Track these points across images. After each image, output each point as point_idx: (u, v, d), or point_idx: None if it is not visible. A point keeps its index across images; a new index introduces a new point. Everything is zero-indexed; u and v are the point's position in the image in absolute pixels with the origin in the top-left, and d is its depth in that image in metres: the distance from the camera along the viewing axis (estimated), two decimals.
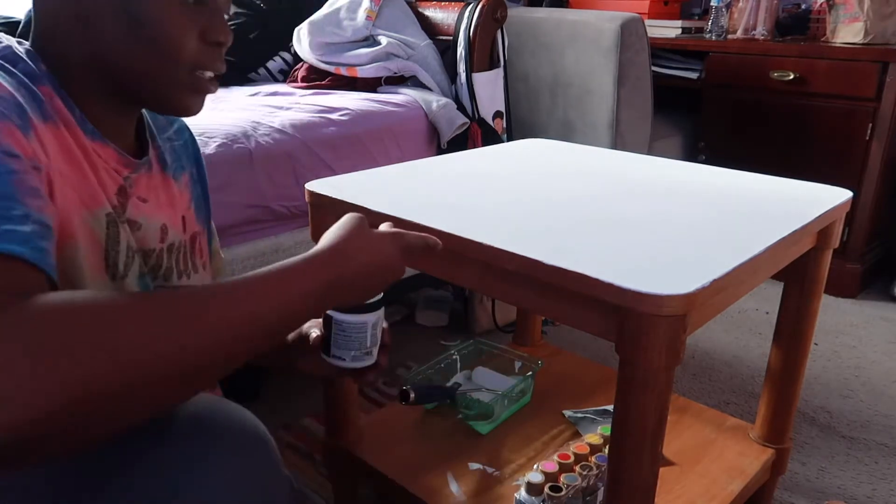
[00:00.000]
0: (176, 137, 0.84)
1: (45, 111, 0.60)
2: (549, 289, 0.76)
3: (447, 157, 1.28)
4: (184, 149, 0.85)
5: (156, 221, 0.75)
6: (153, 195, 0.75)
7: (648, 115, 2.11)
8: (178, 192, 0.81)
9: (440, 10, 1.93)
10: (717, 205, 0.98)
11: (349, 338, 0.78)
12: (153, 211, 0.74)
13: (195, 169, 0.87)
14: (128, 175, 0.71)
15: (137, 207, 0.72)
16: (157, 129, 0.81)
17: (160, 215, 0.76)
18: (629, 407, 0.73)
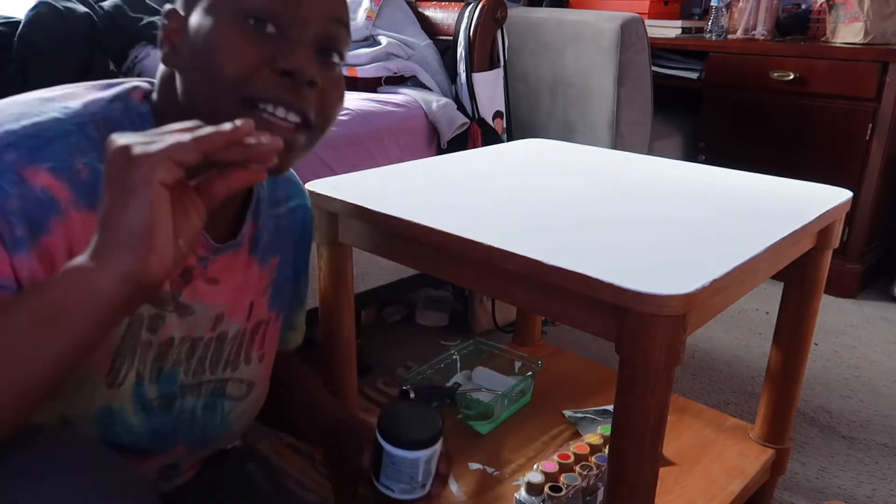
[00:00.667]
0: (286, 215, 0.80)
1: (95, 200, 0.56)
2: (549, 289, 0.76)
3: (447, 157, 1.28)
4: (289, 229, 0.81)
5: (213, 308, 0.70)
6: (227, 276, 0.71)
7: (648, 115, 2.11)
8: (258, 276, 0.76)
9: (440, 10, 1.93)
10: (717, 205, 0.98)
11: (400, 471, 0.72)
12: (217, 295, 0.70)
13: (294, 253, 0.83)
14: (204, 255, 0.67)
15: (198, 291, 0.68)
16: (269, 204, 0.76)
17: (222, 301, 0.71)
18: (629, 407, 0.73)
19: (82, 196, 0.56)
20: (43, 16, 1.52)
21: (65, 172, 0.55)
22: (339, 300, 1.07)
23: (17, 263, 0.52)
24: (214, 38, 0.59)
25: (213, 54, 0.59)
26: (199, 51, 0.60)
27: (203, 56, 0.59)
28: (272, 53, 0.60)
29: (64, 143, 0.56)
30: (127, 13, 1.67)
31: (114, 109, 0.61)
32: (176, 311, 0.67)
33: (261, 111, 0.60)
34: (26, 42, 1.49)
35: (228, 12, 0.60)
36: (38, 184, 0.54)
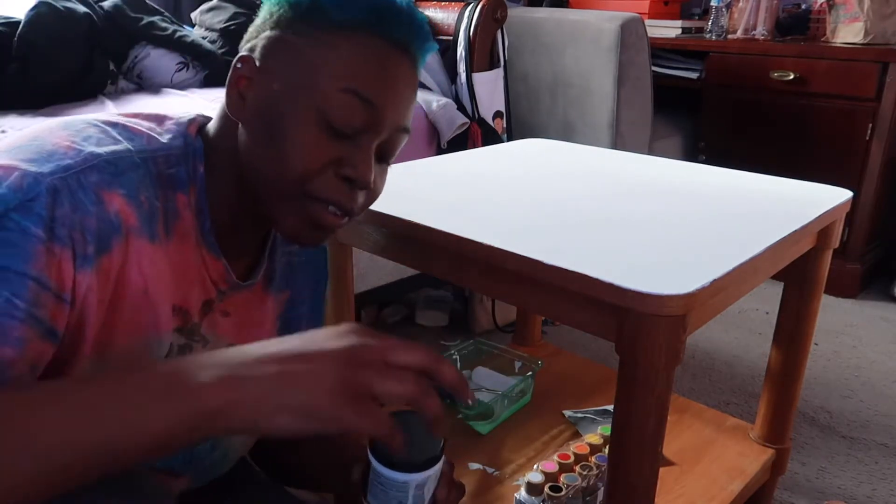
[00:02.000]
0: (300, 253, 0.81)
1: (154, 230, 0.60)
2: (549, 289, 0.76)
3: (447, 157, 1.28)
4: (302, 267, 0.81)
5: (223, 340, 0.71)
6: (240, 311, 0.72)
7: (648, 115, 2.11)
8: (271, 309, 0.77)
9: (440, 10, 1.93)
10: (717, 205, 0.98)
11: (386, 493, 0.63)
12: (227, 328, 0.71)
13: (309, 290, 0.83)
14: (224, 290, 0.69)
15: (214, 323, 0.70)
16: (283, 242, 0.78)
17: (232, 333, 0.72)
18: (629, 407, 0.73)
19: (144, 225, 0.59)
20: (43, 16, 1.52)
21: (133, 201, 0.58)
22: (339, 300, 1.07)
23: (78, 279, 0.54)
24: (292, 130, 0.61)
25: (288, 144, 0.61)
26: (272, 129, 0.61)
27: (276, 138, 0.61)
28: (340, 156, 0.62)
29: (135, 175, 0.59)
30: (127, 13, 1.67)
31: (175, 147, 0.64)
32: (201, 343, 0.69)
33: (317, 206, 0.63)
34: (26, 42, 1.49)
35: (310, 102, 0.60)
36: (112, 207, 0.56)
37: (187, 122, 0.66)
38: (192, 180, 0.64)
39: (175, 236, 0.63)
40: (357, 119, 0.61)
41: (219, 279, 0.68)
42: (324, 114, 0.60)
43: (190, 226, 0.64)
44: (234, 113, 0.63)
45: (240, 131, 0.64)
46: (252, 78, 0.63)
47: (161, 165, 0.62)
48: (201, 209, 0.64)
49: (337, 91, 0.60)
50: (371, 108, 0.62)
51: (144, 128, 0.63)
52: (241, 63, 0.63)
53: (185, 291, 0.65)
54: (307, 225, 0.64)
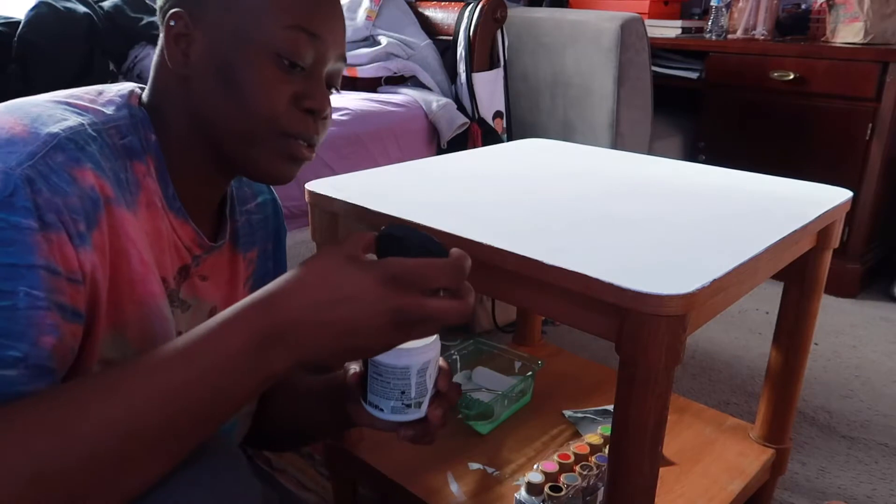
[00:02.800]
0: (256, 211, 0.82)
1: (128, 199, 0.61)
2: (549, 289, 0.76)
3: (447, 157, 1.28)
4: (262, 223, 0.83)
5: (207, 303, 0.73)
6: (216, 273, 0.74)
7: (648, 115, 2.11)
8: (242, 269, 0.79)
9: (440, 10, 1.93)
10: (717, 205, 0.98)
11: (387, 384, 0.63)
12: (209, 291, 0.73)
13: (272, 245, 0.84)
14: (199, 255, 0.70)
15: (193, 287, 0.71)
16: (238, 201, 0.80)
17: (215, 295, 0.74)
18: (629, 407, 0.73)
19: (118, 195, 0.59)
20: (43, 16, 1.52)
21: (102, 172, 0.58)
22: None
23: (81, 258, 0.54)
24: (249, 75, 0.62)
25: (247, 90, 0.62)
26: (228, 80, 0.62)
27: (234, 88, 0.62)
28: (299, 92, 0.65)
29: (95, 147, 0.59)
30: (127, 13, 1.67)
31: (121, 117, 0.64)
32: (180, 308, 0.70)
33: (289, 141, 0.66)
34: (26, 42, 1.49)
35: (261, 46, 0.62)
36: (87, 182, 0.56)
37: (128, 94, 0.66)
38: (147, 149, 0.64)
39: (141, 206, 0.63)
40: (307, 52, 0.64)
41: (191, 244, 0.69)
42: (276, 53, 0.62)
43: (154, 194, 0.64)
44: (181, 70, 0.64)
45: (191, 90, 0.64)
46: (190, 34, 0.63)
47: (114, 137, 0.62)
48: (163, 175, 0.65)
49: (284, 29, 0.62)
50: (318, 40, 0.64)
51: (87, 101, 0.63)
52: (174, 21, 0.63)
53: (161, 260, 0.66)
54: (285, 161, 0.67)
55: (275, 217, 0.86)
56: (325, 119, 0.69)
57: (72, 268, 0.53)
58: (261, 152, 0.65)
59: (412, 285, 0.52)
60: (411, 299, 0.52)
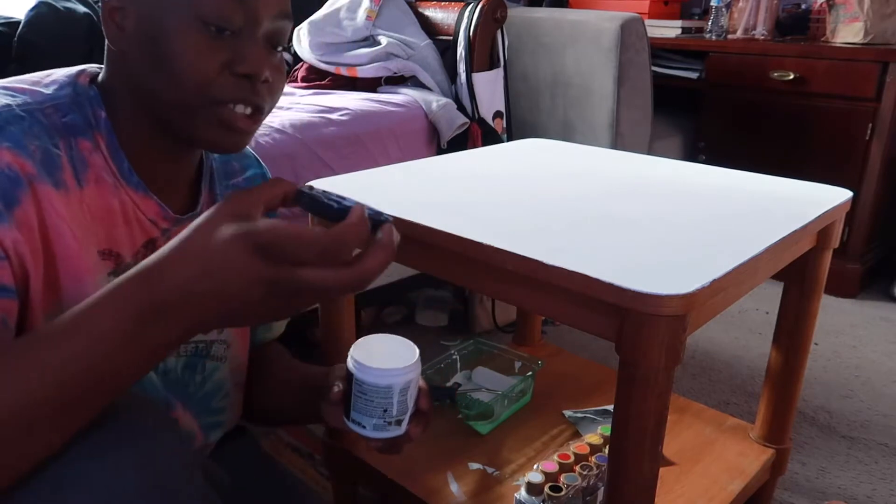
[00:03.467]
0: (244, 184, 0.82)
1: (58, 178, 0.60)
2: (549, 289, 0.76)
3: (447, 157, 1.28)
4: None
5: None
6: None
7: (648, 115, 2.11)
8: None
9: (440, 10, 1.93)
10: (717, 205, 0.98)
11: (370, 402, 0.65)
12: None
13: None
14: (166, 227, 0.70)
15: None
16: (224, 175, 0.79)
17: None
18: (629, 407, 0.73)
19: (42, 173, 0.59)
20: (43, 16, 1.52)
21: (22, 151, 0.58)
22: (339, 300, 1.07)
23: (1, 234, 0.55)
24: (175, 44, 0.61)
25: (175, 60, 0.62)
26: (157, 50, 0.62)
27: (163, 58, 0.62)
28: (230, 57, 0.63)
29: (18, 127, 0.59)
30: None
31: (63, 95, 0.64)
32: None
33: (225, 109, 0.64)
34: (26, 42, 1.50)
35: (184, 13, 0.61)
36: (2, 161, 0.56)
37: (76, 73, 0.67)
38: (94, 126, 0.64)
39: (89, 183, 0.63)
40: (233, 14, 0.62)
41: (156, 217, 0.69)
42: (200, 18, 0.61)
43: (102, 170, 0.64)
44: (117, 45, 0.64)
45: (129, 64, 0.64)
46: (123, 7, 0.63)
47: (51, 115, 0.62)
48: (114, 151, 0.65)
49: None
50: (243, 1, 0.62)
51: (27, 84, 0.64)
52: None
53: (112, 235, 0.65)
54: (224, 130, 0.66)
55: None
56: (266, 83, 0.66)
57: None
58: (198, 122, 0.65)
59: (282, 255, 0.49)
60: (281, 270, 0.49)
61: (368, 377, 0.63)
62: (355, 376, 0.64)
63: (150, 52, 0.62)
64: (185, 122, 0.65)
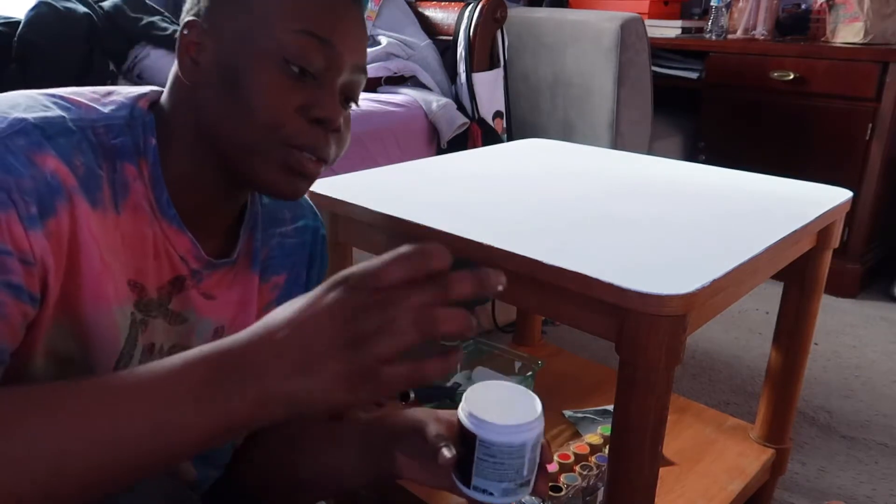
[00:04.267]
0: (293, 235, 0.78)
1: (97, 197, 0.58)
2: (549, 289, 0.76)
3: (447, 157, 1.28)
4: (298, 248, 0.79)
5: (210, 321, 0.70)
6: (224, 292, 0.71)
7: (648, 115, 2.11)
8: (261, 293, 0.75)
9: (440, 10, 1.93)
10: (717, 205, 0.98)
11: (501, 465, 0.57)
12: (214, 310, 0.70)
13: (306, 274, 0.80)
14: (197, 269, 0.67)
15: (190, 301, 0.68)
16: (271, 222, 0.76)
17: (222, 315, 0.71)
18: (629, 407, 0.73)
19: (83, 189, 0.58)
20: (43, 16, 1.52)
21: (68, 164, 0.57)
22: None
23: (31, 240, 0.53)
24: (255, 81, 0.60)
25: (252, 97, 0.60)
26: (234, 86, 0.61)
27: (239, 95, 0.61)
28: (307, 100, 0.62)
29: (68, 140, 0.58)
30: (127, 13, 1.67)
31: (119, 117, 0.62)
32: (164, 318, 0.67)
33: (293, 153, 0.63)
34: (26, 42, 1.49)
35: (268, 51, 0.60)
36: (47, 168, 0.55)
37: (137, 96, 0.65)
38: (143, 152, 0.62)
39: (126, 209, 0.61)
40: (317, 59, 0.61)
41: (187, 255, 0.66)
42: (283, 59, 0.60)
43: (143, 198, 0.62)
44: (190, 78, 0.62)
45: (199, 97, 0.63)
46: (201, 42, 0.62)
47: (102, 135, 0.60)
48: (157, 181, 0.63)
49: (292, 34, 0.60)
50: (328, 46, 0.62)
51: (86, 99, 0.62)
52: (187, 30, 0.62)
53: (141, 265, 0.63)
54: (287, 174, 0.64)
55: (313, 244, 0.82)
56: (337, 132, 0.65)
57: (22, 248, 0.53)
58: (262, 162, 0.62)
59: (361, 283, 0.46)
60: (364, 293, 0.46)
61: (499, 437, 0.56)
62: (480, 437, 0.56)
63: (226, 88, 0.61)
64: (250, 161, 0.63)
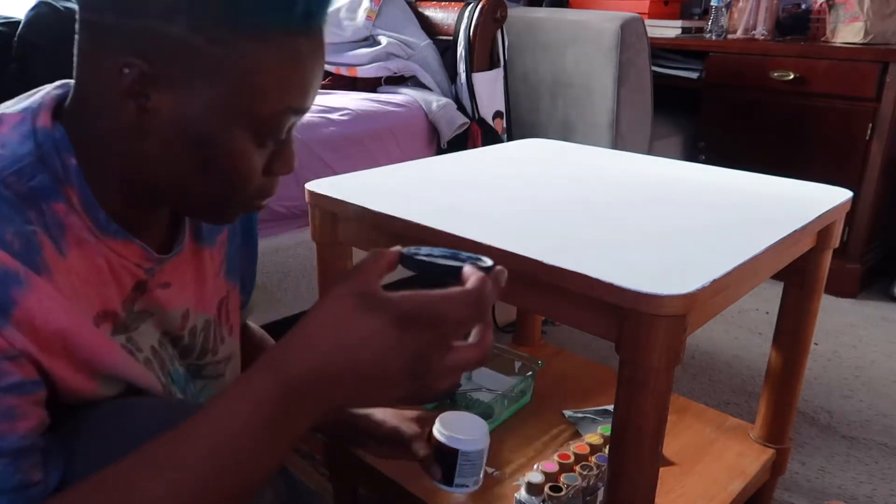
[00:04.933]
0: None
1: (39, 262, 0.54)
2: (549, 289, 0.76)
3: (447, 157, 1.28)
4: None
5: (176, 309, 0.70)
6: (178, 277, 0.70)
7: (648, 115, 2.11)
8: (210, 259, 0.75)
9: (440, 10, 1.93)
10: (717, 205, 0.98)
11: (474, 465, 0.81)
12: (174, 296, 0.70)
13: (239, 222, 0.81)
14: (150, 267, 0.66)
15: (153, 298, 0.67)
16: None
17: (183, 298, 0.71)
18: (629, 407, 0.73)
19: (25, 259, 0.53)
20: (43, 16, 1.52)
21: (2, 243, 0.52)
22: None
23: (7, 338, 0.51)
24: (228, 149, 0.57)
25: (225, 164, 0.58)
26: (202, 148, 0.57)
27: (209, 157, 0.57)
28: (271, 159, 0.62)
29: None
30: None
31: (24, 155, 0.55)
32: (141, 322, 0.67)
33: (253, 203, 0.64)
34: (26, 42, 1.49)
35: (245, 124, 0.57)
36: None
37: (32, 114, 0.57)
38: (65, 180, 0.57)
39: (70, 248, 0.57)
40: (288, 124, 0.61)
41: (140, 260, 0.64)
42: (259, 132, 0.58)
43: (81, 229, 0.58)
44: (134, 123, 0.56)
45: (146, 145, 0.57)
46: (150, 94, 0.54)
47: (14, 184, 0.54)
48: (89, 204, 0.58)
49: (276, 112, 0.57)
50: (304, 112, 0.61)
51: None
52: (127, 68, 0.53)
53: (104, 293, 0.61)
54: (236, 215, 0.66)
55: None
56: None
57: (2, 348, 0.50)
58: (217, 212, 0.64)
59: (423, 321, 0.49)
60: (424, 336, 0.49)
61: (474, 447, 0.81)
62: (462, 450, 0.80)
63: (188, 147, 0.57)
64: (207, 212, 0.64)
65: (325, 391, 0.49)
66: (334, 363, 0.48)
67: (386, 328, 0.48)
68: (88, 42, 0.57)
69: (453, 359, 0.50)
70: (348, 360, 0.48)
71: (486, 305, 0.51)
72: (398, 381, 0.49)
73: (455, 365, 0.51)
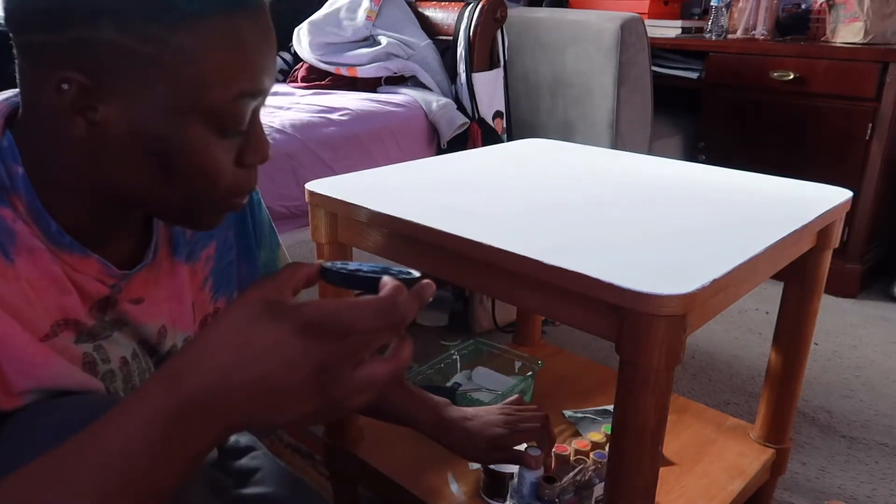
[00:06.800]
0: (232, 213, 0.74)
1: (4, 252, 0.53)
2: (549, 289, 0.76)
3: (447, 157, 1.28)
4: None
5: (149, 325, 0.68)
6: (151, 293, 0.67)
7: (648, 115, 2.11)
8: (191, 275, 0.72)
9: (440, 10, 1.93)
10: (717, 205, 0.98)
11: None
12: (147, 312, 0.67)
13: (233, 232, 0.78)
14: (115, 283, 0.63)
15: (125, 313, 0.65)
16: None
17: (157, 314, 0.68)
18: (629, 407, 0.73)
19: None
20: None
21: None
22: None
23: None
24: (190, 148, 0.55)
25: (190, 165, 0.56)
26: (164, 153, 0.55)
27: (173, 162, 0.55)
28: (240, 150, 0.59)
29: None
30: None
31: None
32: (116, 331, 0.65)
33: (235, 201, 0.61)
34: None
35: (201, 119, 0.55)
36: None
37: None
38: (10, 189, 0.55)
39: (20, 254, 0.55)
40: (249, 110, 0.57)
41: (101, 275, 0.61)
42: (216, 124, 0.55)
43: (31, 237, 0.56)
44: (85, 138, 0.54)
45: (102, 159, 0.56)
46: (97, 107, 0.53)
47: None
48: (38, 214, 0.56)
49: (228, 100, 0.55)
50: (260, 94, 0.58)
51: None
52: (66, 84, 0.51)
53: (62, 303, 0.59)
54: (218, 217, 0.63)
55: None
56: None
57: None
58: (196, 217, 0.61)
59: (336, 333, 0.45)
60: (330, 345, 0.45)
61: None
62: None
63: (148, 155, 0.55)
64: (181, 217, 0.61)
65: (225, 405, 0.44)
66: (234, 374, 0.44)
67: (289, 337, 0.44)
68: (25, 62, 0.55)
69: (364, 373, 0.46)
70: (249, 371, 0.44)
71: (400, 316, 0.46)
72: (304, 396, 0.45)
73: (366, 379, 0.46)
